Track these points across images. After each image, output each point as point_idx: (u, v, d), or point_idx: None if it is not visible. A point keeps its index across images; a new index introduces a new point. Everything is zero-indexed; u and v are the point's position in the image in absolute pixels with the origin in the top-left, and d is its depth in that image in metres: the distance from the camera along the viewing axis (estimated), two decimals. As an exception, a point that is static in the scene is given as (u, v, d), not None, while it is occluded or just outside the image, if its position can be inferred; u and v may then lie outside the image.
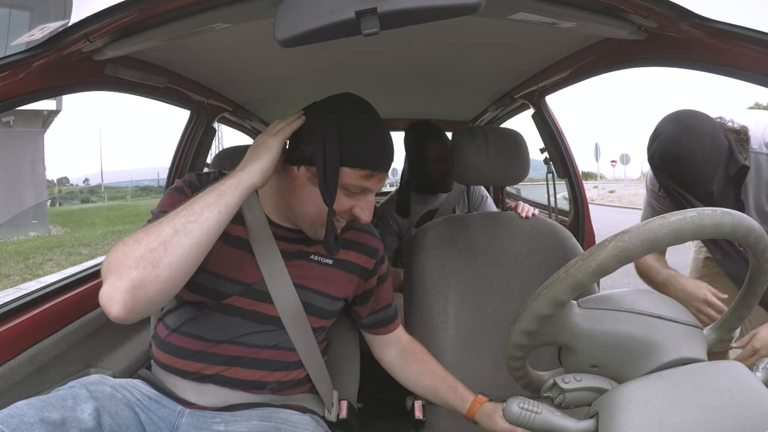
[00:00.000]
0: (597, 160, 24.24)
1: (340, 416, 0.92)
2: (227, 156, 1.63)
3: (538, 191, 2.15)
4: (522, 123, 2.03)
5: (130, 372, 1.13)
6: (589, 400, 0.54)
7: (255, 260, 0.81)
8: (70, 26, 0.71)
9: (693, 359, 0.52)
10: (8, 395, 0.83)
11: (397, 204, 1.73)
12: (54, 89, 0.84)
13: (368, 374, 1.06)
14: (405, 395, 1.05)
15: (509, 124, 2.28)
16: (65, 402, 0.66)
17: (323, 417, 0.90)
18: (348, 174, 0.75)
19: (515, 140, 1.20)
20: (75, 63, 0.82)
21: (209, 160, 1.81)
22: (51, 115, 11.21)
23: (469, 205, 1.51)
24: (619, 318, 0.55)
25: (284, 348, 0.83)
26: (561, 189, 1.75)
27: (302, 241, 0.85)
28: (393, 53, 1.23)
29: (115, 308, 0.60)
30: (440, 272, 1.15)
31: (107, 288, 0.61)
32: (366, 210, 0.79)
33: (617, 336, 0.54)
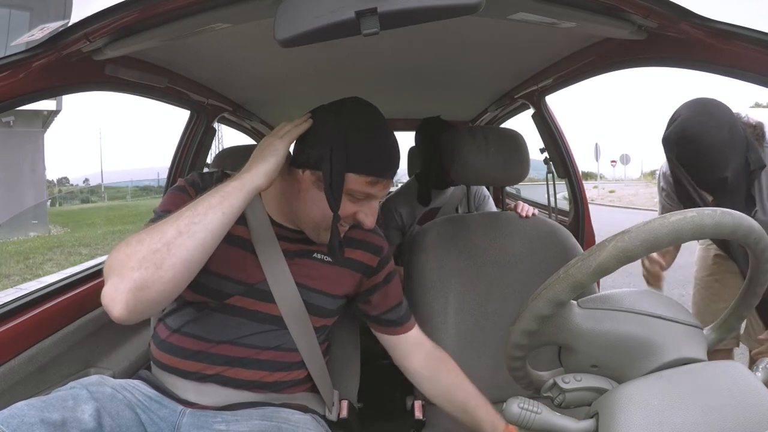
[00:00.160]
0: (597, 160, 24.27)
1: (341, 416, 0.92)
2: (227, 156, 1.64)
3: (538, 191, 2.15)
4: (522, 123, 2.03)
5: (130, 372, 1.13)
6: (589, 400, 0.54)
7: (257, 260, 0.81)
8: (70, 26, 0.71)
9: (693, 359, 0.52)
10: (8, 395, 0.83)
11: (419, 193, 1.71)
12: (54, 89, 0.84)
13: (368, 374, 1.06)
14: (405, 395, 1.05)
15: (509, 124, 2.29)
16: (66, 402, 0.66)
17: (324, 417, 0.90)
18: (353, 180, 0.74)
19: (515, 140, 1.20)
20: (75, 63, 0.82)
21: (209, 160, 1.81)
22: (51, 115, 11.19)
23: (472, 205, 1.51)
24: (619, 318, 0.55)
25: (286, 349, 0.83)
26: (561, 189, 1.76)
27: (304, 240, 0.85)
28: (393, 53, 1.23)
29: (117, 309, 0.60)
30: (440, 272, 1.15)
31: (109, 288, 0.61)
32: (369, 216, 0.79)
33: (617, 336, 0.54)
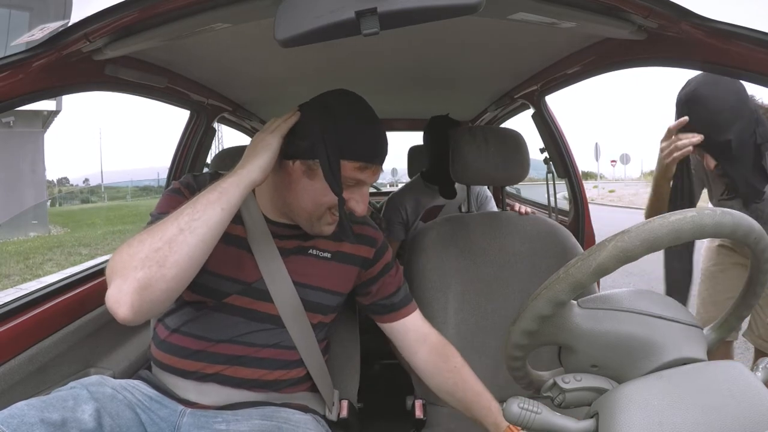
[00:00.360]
0: (597, 160, 24.26)
1: (341, 416, 0.92)
2: (227, 156, 1.64)
3: (538, 191, 2.15)
4: (522, 123, 2.04)
5: (130, 372, 1.13)
6: (589, 400, 0.54)
7: (254, 259, 0.82)
8: (70, 26, 0.71)
9: (693, 359, 0.52)
10: (8, 395, 0.83)
11: (441, 189, 1.68)
12: (54, 89, 0.84)
13: (368, 374, 1.06)
14: (405, 395, 1.05)
15: (509, 124, 2.29)
16: (66, 403, 0.66)
17: (324, 416, 0.90)
18: (344, 166, 0.75)
19: (515, 140, 1.20)
20: (75, 63, 0.82)
21: (209, 161, 1.81)
22: (51, 116, 11.19)
23: (473, 204, 1.50)
24: (619, 318, 0.54)
25: (284, 347, 0.83)
26: (561, 189, 1.76)
27: (299, 237, 0.85)
28: (393, 53, 1.23)
29: (122, 310, 0.60)
30: (440, 272, 1.15)
31: (113, 290, 0.61)
32: (360, 202, 0.80)
33: (617, 336, 0.54)
